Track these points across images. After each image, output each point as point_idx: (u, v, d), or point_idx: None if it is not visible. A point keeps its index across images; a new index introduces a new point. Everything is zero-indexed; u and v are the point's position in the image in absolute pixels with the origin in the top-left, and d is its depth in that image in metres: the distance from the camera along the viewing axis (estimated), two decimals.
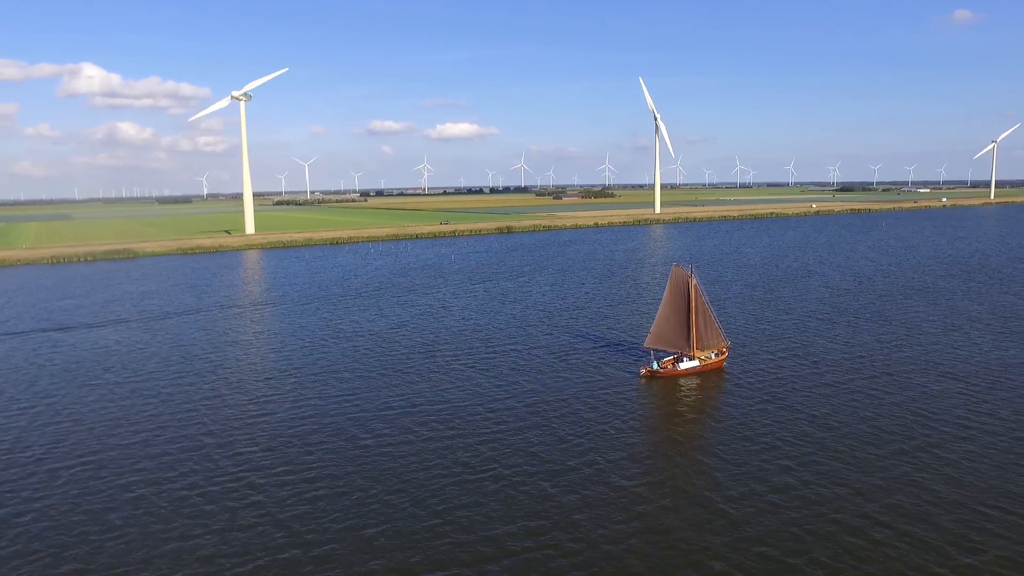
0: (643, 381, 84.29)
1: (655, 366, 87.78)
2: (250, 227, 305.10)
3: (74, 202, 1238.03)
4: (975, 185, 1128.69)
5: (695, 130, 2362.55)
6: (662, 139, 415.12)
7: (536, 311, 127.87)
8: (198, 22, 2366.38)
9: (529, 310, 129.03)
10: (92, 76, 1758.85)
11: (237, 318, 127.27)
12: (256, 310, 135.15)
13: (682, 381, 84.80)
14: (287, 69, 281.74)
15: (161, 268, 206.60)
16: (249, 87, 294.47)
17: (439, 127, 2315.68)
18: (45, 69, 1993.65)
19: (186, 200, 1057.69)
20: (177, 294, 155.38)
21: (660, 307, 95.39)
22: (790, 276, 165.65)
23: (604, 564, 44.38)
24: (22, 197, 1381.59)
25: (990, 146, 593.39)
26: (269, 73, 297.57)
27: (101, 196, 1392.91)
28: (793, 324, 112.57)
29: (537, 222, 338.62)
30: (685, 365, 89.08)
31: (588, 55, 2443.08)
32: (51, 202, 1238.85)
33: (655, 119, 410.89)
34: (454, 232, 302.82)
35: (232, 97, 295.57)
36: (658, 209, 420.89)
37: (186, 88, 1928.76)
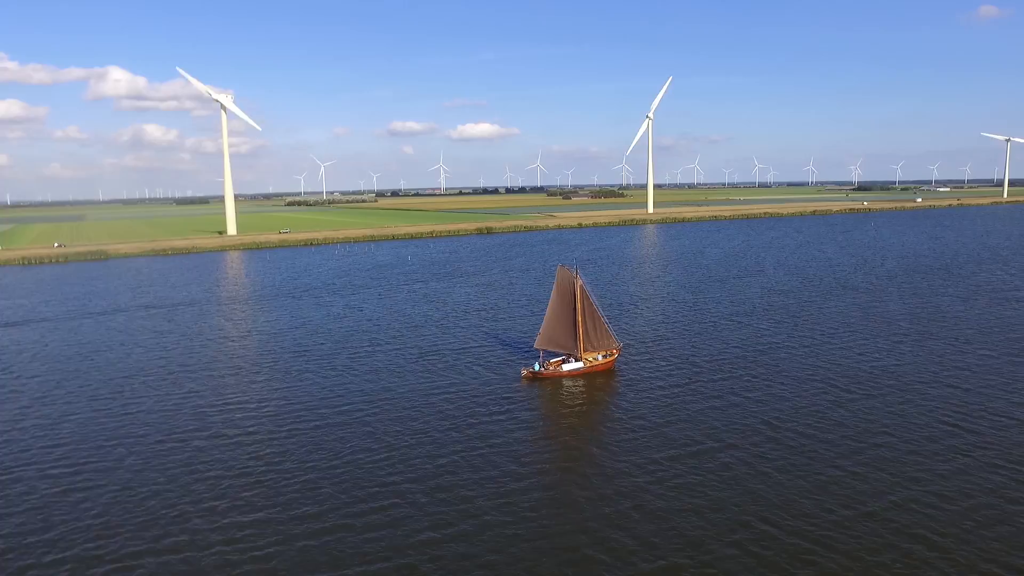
0: (524, 383, 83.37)
1: (536, 367, 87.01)
2: (232, 228, 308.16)
3: (98, 203, 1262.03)
4: (1001, 183, 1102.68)
5: (717, 129, 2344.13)
6: (652, 139, 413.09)
7: (448, 311, 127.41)
8: (222, 25, 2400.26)
9: (441, 310, 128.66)
10: (119, 79, 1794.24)
11: (149, 318, 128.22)
12: (174, 311, 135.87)
13: (564, 383, 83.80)
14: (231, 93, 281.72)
15: (124, 269, 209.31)
16: (224, 95, 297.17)
17: (460, 127, 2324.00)
18: (74, 73, 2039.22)
19: (203, 201, 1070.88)
20: (115, 295, 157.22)
21: (548, 308, 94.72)
22: (733, 276, 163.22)
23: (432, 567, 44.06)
24: (49, 198, 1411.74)
25: (1006, 145, 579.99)
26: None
27: (125, 197, 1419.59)
28: (704, 326, 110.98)
29: (519, 223, 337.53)
30: (569, 367, 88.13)
31: (609, 55, 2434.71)
32: (76, 203, 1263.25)
33: (648, 119, 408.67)
34: (432, 233, 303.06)
35: (213, 99, 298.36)
36: (651, 209, 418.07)
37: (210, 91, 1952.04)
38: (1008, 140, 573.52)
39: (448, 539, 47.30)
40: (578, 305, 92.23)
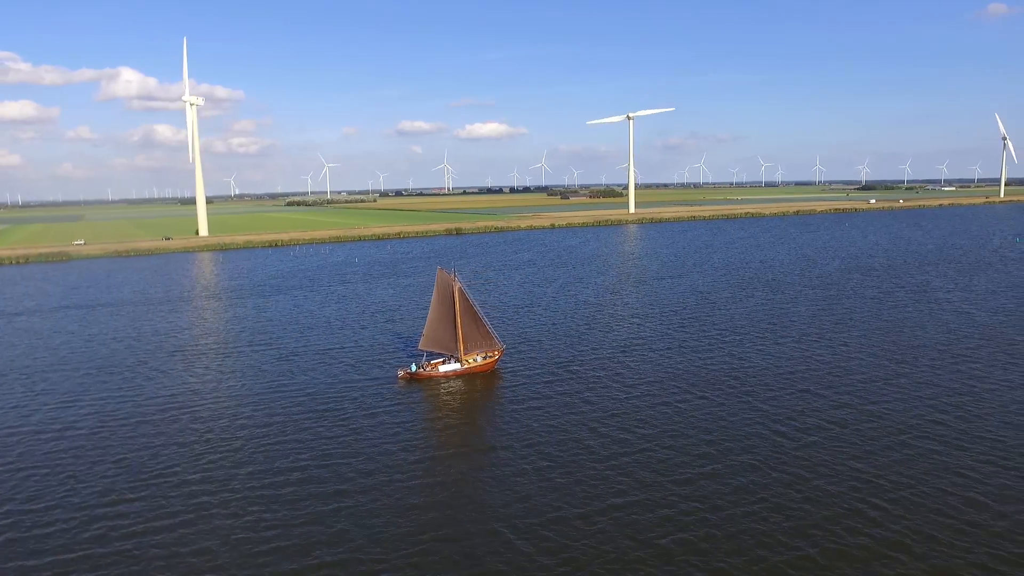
0: (401, 383, 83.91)
1: (413, 368, 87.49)
2: (203, 230, 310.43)
3: (106, 203, 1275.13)
4: (1011, 182, 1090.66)
5: (726, 128, 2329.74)
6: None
7: (353, 312, 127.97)
8: (232, 25, 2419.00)
9: (347, 311, 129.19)
10: (130, 80, 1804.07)
11: (62, 319, 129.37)
12: (92, 311, 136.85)
13: (440, 384, 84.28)
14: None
15: (78, 271, 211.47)
16: (197, 100, 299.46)
17: (468, 127, 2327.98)
18: (85, 74, 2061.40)
19: (208, 201, 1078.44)
20: (45, 296, 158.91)
21: (429, 310, 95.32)
22: (659, 278, 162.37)
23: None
24: (60, 198, 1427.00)
25: (1002, 143, 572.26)
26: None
27: (134, 197, 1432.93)
28: (596, 328, 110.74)
29: (490, 223, 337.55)
30: (446, 368, 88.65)
31: (618, 54, 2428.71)
32: (86, 203, 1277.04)
33: (629, 120, 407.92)
34: (400, 234, 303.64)
35: (186, 102, 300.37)
36: (632, 209, 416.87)
37: (220, 91, 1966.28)
38: (1005, 139, 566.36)
39: (254, 541, 47.58)
40: (457, 307, 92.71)
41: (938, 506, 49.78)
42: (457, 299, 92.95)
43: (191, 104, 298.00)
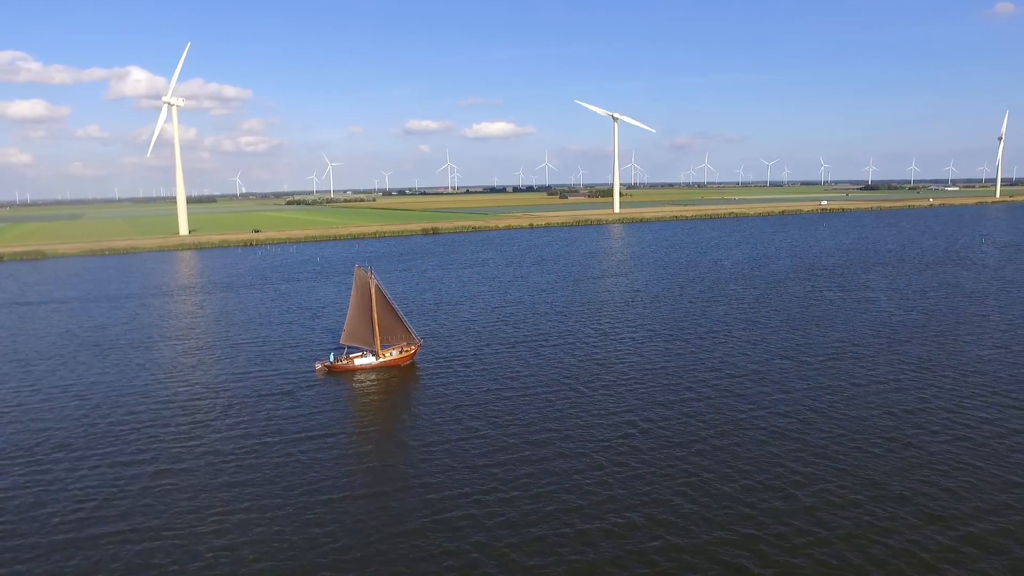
0: (318, 376, 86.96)
1: (331, 359, 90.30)
2: (183, 229, 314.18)
3: (113, 201, 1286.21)
4: (1016, 183, 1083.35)
5: (733, 128, 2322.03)
6: (620, 141, 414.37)
7: (286, 308, 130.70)
8: (239, 25, 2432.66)
9: (280, 308, 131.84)
10: (139, 79, 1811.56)
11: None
12: (38, 307, 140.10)
13: (357, 376, 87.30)
14: (189, 44, 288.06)
15: (47, 269, 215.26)
16: (172, 86, 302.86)
17: (476, 126, 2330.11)
18: (95, 73, 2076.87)
19: (211, 200, 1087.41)
20: (2, 293, 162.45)
21: (349, 307, 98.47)
22: (601, 276, 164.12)
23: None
24: (68, 196, 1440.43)
25: (998, 143, 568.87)
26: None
27: (141, 195, 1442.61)
28: (514, 324, 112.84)
29: (467, 223, 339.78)
30: (362, 361, 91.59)
31: (625, 53, 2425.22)
32: (94, 201, 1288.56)
33: (614, 120, 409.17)
34: (376, 234, 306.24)
35: (167, 104, 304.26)
36: (617, 209, 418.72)
37: (228, 90, 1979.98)
38: (1000, 139, 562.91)
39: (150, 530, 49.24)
40: (373, 303, 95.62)
41: (740, 497, 51.62)
42: (374, 296, 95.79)
43: (171, 104, 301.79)
